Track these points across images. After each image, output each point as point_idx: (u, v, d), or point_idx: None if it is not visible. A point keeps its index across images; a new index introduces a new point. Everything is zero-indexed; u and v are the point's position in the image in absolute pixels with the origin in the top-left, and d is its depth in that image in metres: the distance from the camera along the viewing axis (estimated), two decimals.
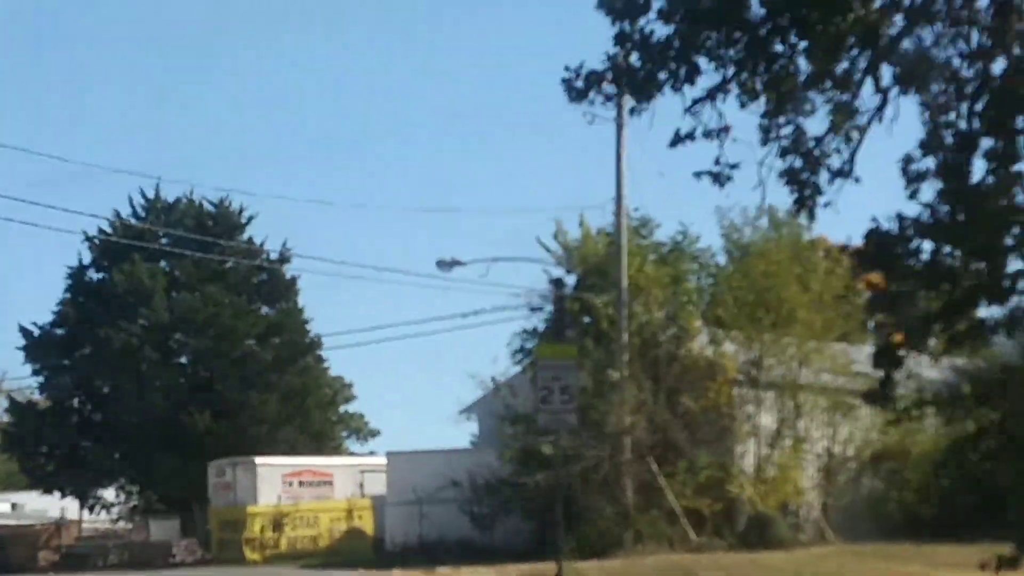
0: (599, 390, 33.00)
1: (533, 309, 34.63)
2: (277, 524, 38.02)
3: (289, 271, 50.09)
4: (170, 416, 46.42)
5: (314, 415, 48.99)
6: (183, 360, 48.66)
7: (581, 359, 30.30)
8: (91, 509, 49.15)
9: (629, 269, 33.82)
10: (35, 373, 47.56)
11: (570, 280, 34.89)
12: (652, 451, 33.11)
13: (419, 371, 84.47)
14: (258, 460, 39.59)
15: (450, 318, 36.38)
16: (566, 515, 28.36)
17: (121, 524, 46.11)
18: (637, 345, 33.88)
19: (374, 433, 61.35)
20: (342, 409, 54.54)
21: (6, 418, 50.11)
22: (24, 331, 47.70)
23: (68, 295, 48.46)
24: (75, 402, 48.57)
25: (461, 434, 64.65)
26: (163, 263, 48.59)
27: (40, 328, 47.91)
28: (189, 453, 44.71)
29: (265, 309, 49.82)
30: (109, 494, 49.43)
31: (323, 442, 49.62)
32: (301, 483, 40.07)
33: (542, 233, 34.92)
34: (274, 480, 39.36)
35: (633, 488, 32.34)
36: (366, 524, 38.59)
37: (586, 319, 34.69)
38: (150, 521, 41.82)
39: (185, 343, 47.90)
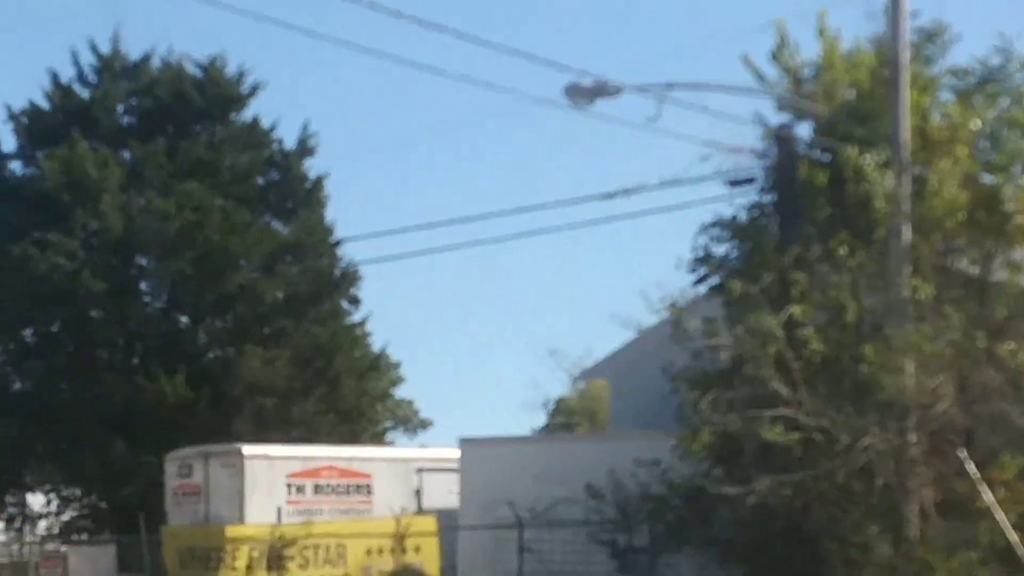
0: (863, 329, 20.64)
1: (736, 183, 22.27)
2: (275, 558, 25.89)
3: (312, 169, 38.06)
4: (124, 382, 34.56)
5: (345, 384, 36.89)
6: (145, 296, 36.67)
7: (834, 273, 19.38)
8: (8, 523, 37.38)
9: (912, 116, 21.11)
10: None
11: (800, 131, 22.25)
12: (960, 438, 20.53)
13: (497, 329, 71.29)
14: (247, 449, 27.54)
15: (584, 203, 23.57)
16: (805, 554, 18.46)
17: (46, 547, 34.16)
18: (927, 250, 21.25)
19: (425, 424, 49.04)
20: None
21: None
22: None
23: None
24: None
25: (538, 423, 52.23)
26: (122, 153, 36.62)
27: None
28: (151, 439, 32.91)
29: (275, 223, 37.73)
30: (37, 501, 37.69)
31: (357, 426, 37.55)
32: (318, 488, 27.98)
33: (751, 50, 22.34)
34: (274, 483, 27.38)
35: (930, 503, 19.95)
36: (427, 558, 26.22)
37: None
38: (69, 550, 29.89)
39: (148, 270, 35.87)
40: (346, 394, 36.85)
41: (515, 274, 71.25)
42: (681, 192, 22.45)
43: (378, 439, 38.91)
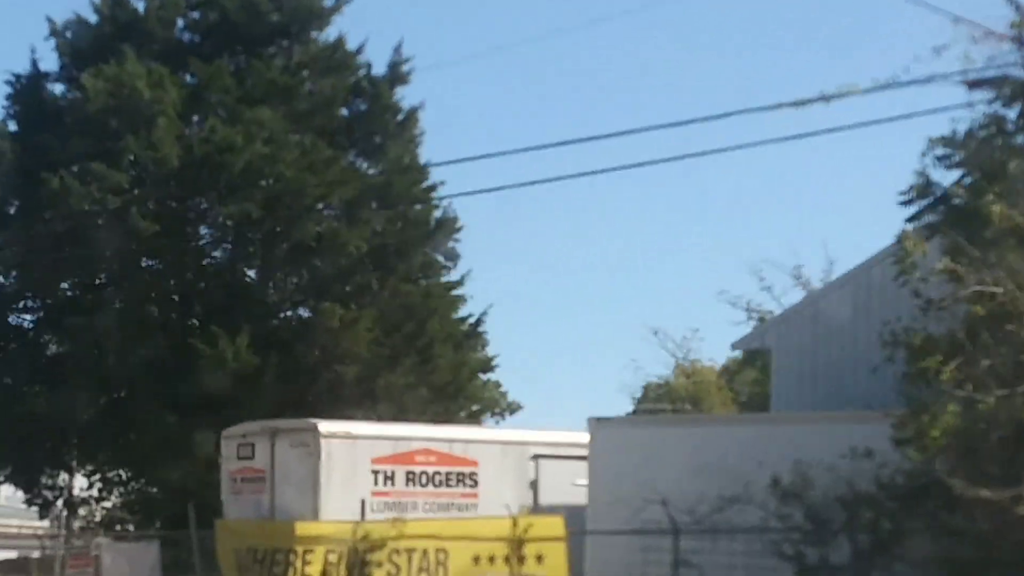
0: None
1: (977, 85, 17.68)
2: (358, 564, 21.43)
3: (405, 99, 33.64)
4: (178, 344, 30.40)
5: (439, 354, 32.46)
6: (203, 238, 32.43)
7: None
8: (42, 508, 33.35)
9: None
10: None
11: None
12: None
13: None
14: (324, 426, 23.20)
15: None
16: None
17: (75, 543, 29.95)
18: None
19: (512, 408, 44.04)
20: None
21: None
22: None
23: (6, 123, 32.62)
24: (11, 315, 32.78)
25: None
26: (181, 73, 32.38)
27: None
28: (208, 412, 28.75)
29: (359, 161, 33.36)
30: (77, 484, 33.67)
31: (452, 405, 33.14)
32: (411, 477, 23.62)
33: None
34: (356, 468, 23.08)
35: None
36: (553, 570, 21.57)
37: None
38: (104, 546, 25.68)
39: (209, 211, 31.61)
40: (441, 366, 32.38)
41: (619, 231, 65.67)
42: (901, 97, 17.67)
43: (474, 422, 34.41)
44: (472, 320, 34.30)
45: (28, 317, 32.95)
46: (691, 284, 65.95)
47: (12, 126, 32.68)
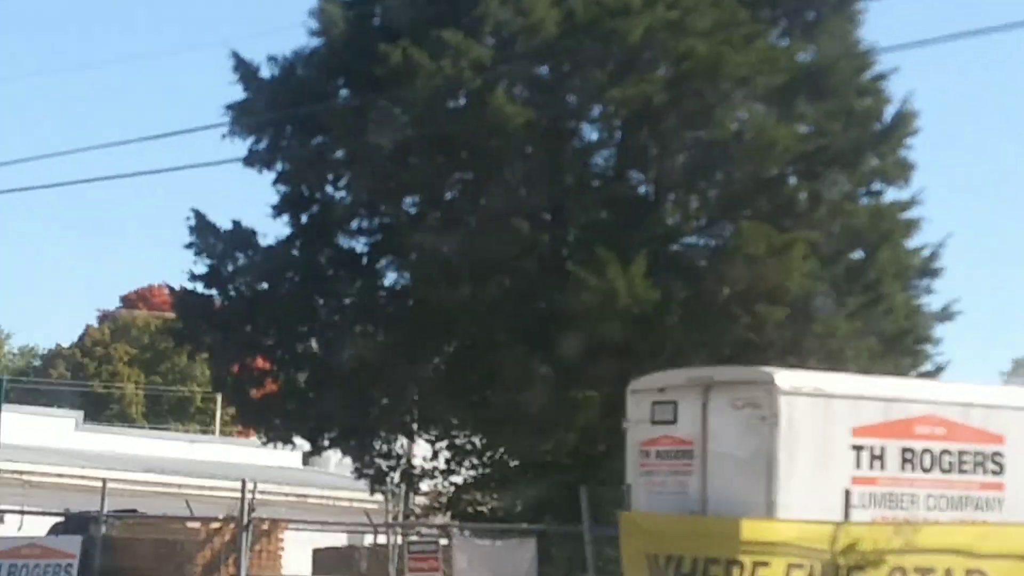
0: None
1: None
2: None
3: None
4: (549, 273, 23.82)
5: (890, 294, 24.99)
6: (584, 133, 25.68)
7: None
8: (374, 480, 27.18)
9: None
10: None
11: None
12: None
13: None
14: (784, 378, 16.01)
15: None
16: None
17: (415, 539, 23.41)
18: None
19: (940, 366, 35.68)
20: None
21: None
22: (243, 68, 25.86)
23: None
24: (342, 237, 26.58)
25: None
26: None
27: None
28: (588, 363, 22.11)
29: (785, 40, 26.04)
30: (419, 452, 27.43)
31: (901, 362, 25.54)
32: (910, 458, 16.25)
33: None
34: (831, 442, 15.91)
35: None
36: None
37: None
38: (456, 543, 19.14)
39: (595, 96, 24.71)
40: (895, 308, 24.90)
41: None
42: None
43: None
44: (927, 253, 26.65)
45: (361, 240, 26.69)
46: None
47: None
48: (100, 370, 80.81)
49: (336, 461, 43.81)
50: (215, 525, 21.37)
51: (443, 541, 21.35)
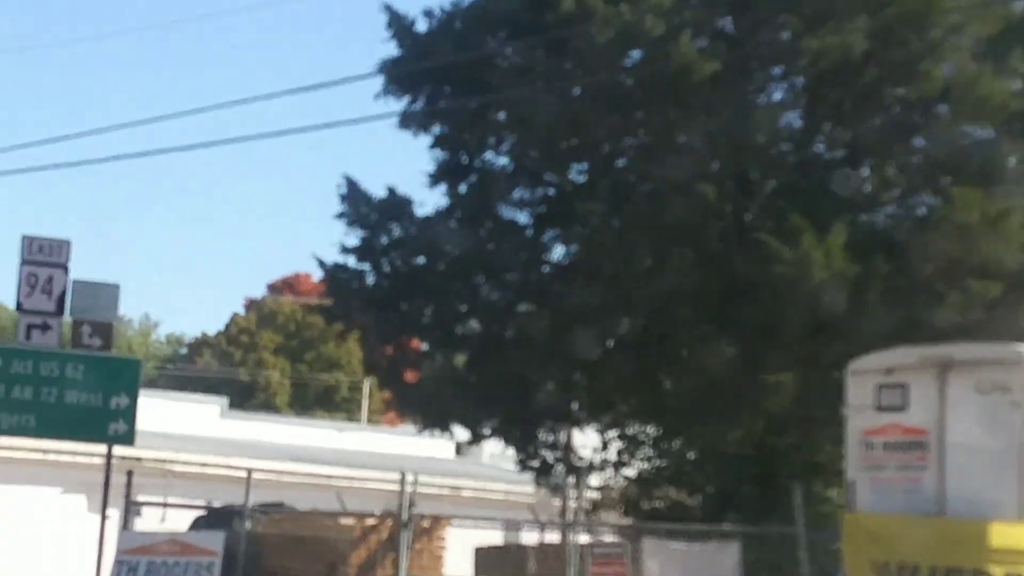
0: None
1: None
2: None
3: None
4: (730, 243, 21.66)
5: None
6: (772, 90, 23.39)
7: None
8: (540, 474, 25.06)
9: None
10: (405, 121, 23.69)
11: None
12: None
13: None
14: None
15: None
16: None
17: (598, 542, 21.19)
18: None
19: None
20: None
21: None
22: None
23: None
24: (504, 206, 24.54)
25: None
26: None
27: None
28: (779, 341, 19.87)
29: None
30: (587, 442, 25.26)
31: None
32: None
33: None
34: None
35: None
36: None
37: None
38: (649, 546, 16.97)
39: (785, 47, 22.37)
40: None
41: None
42: None
43: None
44: None
45: (526, 211, 24.58)
46: None
47: None
48: (246, 358, 79.94)
49: (489, 452, 41.87)
50: (371, 521, 19.36)
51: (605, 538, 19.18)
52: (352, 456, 36.90)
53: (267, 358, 79.65)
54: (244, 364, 79.40)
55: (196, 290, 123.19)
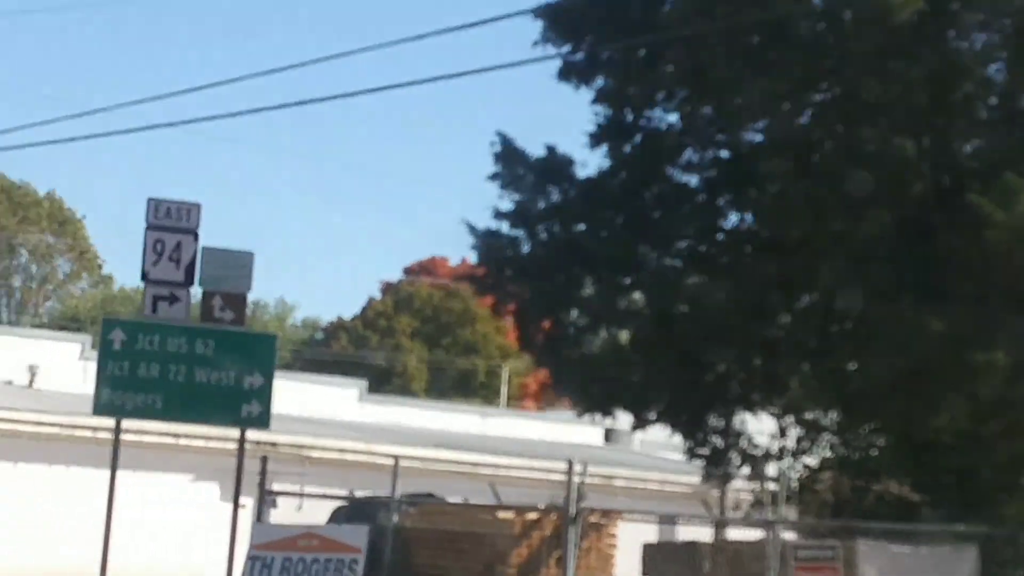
0: None
1: None
2: None
3: None
4: (925, 204, 19.33)
5: None
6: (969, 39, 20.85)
7: None
8: (711, 463, 22.87)
9: None
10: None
11: None
12: None
13: None
14: None
15: None
16: None
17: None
18: None
19: None
20: None
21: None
22: None
23: None
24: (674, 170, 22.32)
25: None
26: None
27: None
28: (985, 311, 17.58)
29: None
30: (763, 428, 23.05)
31: None
32: None
33: None
34: None
35: None
36: None
37: None
38: (864, 549, 14.78)
39: None
40: None
41: None
42: None
43: None
44: None
45: (696, 174, 22.37)
46: None
47: None
48: (382, 342, 78.73)
49: (640, 439, 39.75)
50: (532, 516, 17.23)
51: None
52: (499, 443, 34.93)
53: (404, 342, 78.40)
54: (380, 348, 78.20)
55: (331, 274, 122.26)
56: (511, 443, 35.36)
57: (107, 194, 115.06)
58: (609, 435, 40.33)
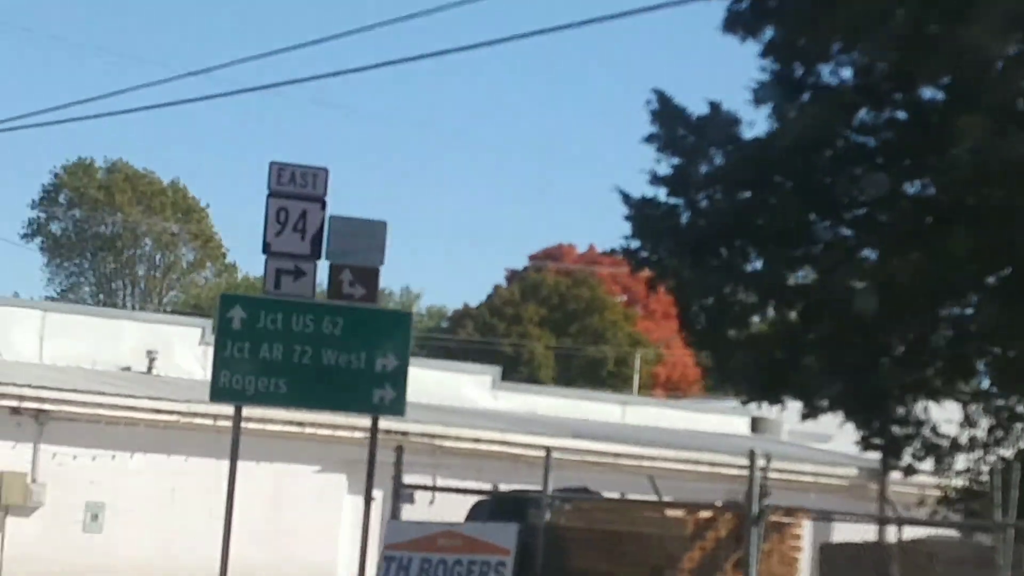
0: None
1: None
2: None
3: None
4: None
5: None
6: None
7: None
8: (889, 454, 20.79)
9: None
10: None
11: None
12: None
13: None
14: None
15: None
16: None
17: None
18: None
19: None
20: None
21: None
22: None
23: None
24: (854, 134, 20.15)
25: None
26: None
27: None
28: None
29: None
30: (946, 416, 20.92)
31: None
32: None
33: None
34: None
35: None
36: None
37: None
38: None
39: None
40: None
41: None
42: None
43: None
44: None
45: (874, 136, 20.21)
46: None
47: None
48: (509, 330, 77.27)
49: (788, 429, 37.58)
50: (705, 514, 15.23)
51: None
52: (645, 432, 32.92)
53: (531, 331, 76.93)
54: (507, 336, 76.78)
55: (456, 262, 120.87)
56: (655, 433, 33.34)
57: (231, 183, 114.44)
58: (756, 424, 38.18)
